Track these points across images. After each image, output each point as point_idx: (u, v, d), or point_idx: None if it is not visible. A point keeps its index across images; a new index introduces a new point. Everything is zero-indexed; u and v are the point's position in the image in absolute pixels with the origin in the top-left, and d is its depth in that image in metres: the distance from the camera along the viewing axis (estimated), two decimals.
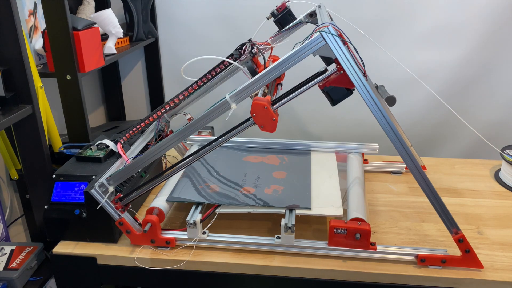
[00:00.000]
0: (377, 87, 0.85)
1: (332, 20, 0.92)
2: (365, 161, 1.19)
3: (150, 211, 0.91)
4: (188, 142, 1.22)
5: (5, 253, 0.98)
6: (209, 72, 0.98)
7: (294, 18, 0.96)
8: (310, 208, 0.89)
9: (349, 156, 1.15)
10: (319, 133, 1.61)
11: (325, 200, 0.93)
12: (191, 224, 0.87)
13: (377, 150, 1.15)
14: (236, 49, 0.92)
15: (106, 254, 0.90)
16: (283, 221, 0.86)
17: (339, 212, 0.89)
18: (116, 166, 0.93)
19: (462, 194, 1.11)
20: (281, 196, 0.94)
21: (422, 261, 0.84)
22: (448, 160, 1.30)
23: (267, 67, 0.78)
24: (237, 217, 0.97)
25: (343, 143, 1.17)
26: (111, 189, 0.86)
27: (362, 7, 1.40)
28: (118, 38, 1.27)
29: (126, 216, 0.88)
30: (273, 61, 0.84)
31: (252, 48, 0.89)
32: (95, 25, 1.10)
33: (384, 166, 1.23)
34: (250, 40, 0.92)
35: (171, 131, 1.12)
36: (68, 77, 1.04)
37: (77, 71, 1.04)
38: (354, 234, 0.83)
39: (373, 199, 1.08)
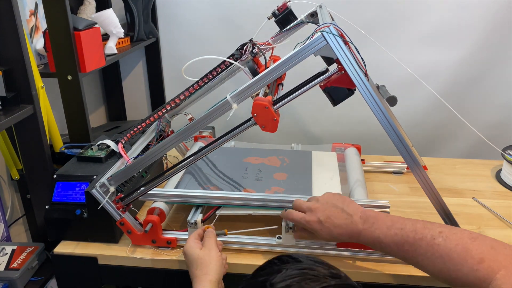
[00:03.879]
0: (378, 87, 0.85)
1: (333, 20, 0.92)
2: (362, 160, 1.19)
3: (151, 211, 0.91)
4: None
5: (6, 253, 0.98)
6: (210, 72, 0.98)
7: (295, 18, 0.96)
8: None
9: (347, 156, 1.15)
10: (320, 133, 1.61)
11: None
12: (192, 224, 0.87)
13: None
14: (237, 49, 0.92)
15: (107, 254, 0.90)
16: (284, 222, 0.86)
17: None
18: (117, 166, 0.93)
19: (463, 194, 1.11)
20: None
21: None
22: (449, 160, 1.30)
23: (268, 67, 0.77)
24: (238, 219, 0.96)
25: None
26: (112, 189, 0.86)
27: (363, 7, 1.39)
28: (119, 38, 1.27)
29: (127, 216, 0.88)
30: (274, 61, 0.84)
31: (253, 48, 0.89)
32: (96, 25, 1.10)
33: (385, 166, 1.23)
34: (251, 40, 0.92)
35: (172, 131, 1.12)
36: (69, 77, 1.04)
37: (78, 71, 1.04)
38: None
39: (374, 199, 1.07)
